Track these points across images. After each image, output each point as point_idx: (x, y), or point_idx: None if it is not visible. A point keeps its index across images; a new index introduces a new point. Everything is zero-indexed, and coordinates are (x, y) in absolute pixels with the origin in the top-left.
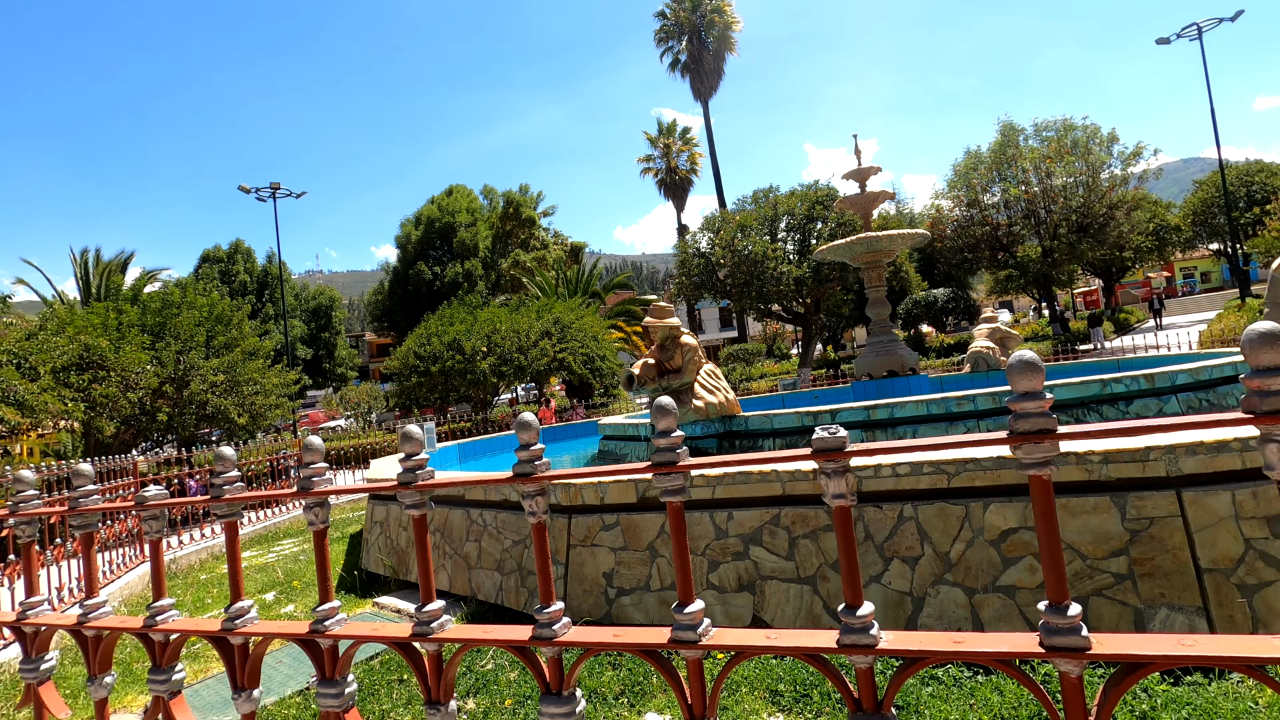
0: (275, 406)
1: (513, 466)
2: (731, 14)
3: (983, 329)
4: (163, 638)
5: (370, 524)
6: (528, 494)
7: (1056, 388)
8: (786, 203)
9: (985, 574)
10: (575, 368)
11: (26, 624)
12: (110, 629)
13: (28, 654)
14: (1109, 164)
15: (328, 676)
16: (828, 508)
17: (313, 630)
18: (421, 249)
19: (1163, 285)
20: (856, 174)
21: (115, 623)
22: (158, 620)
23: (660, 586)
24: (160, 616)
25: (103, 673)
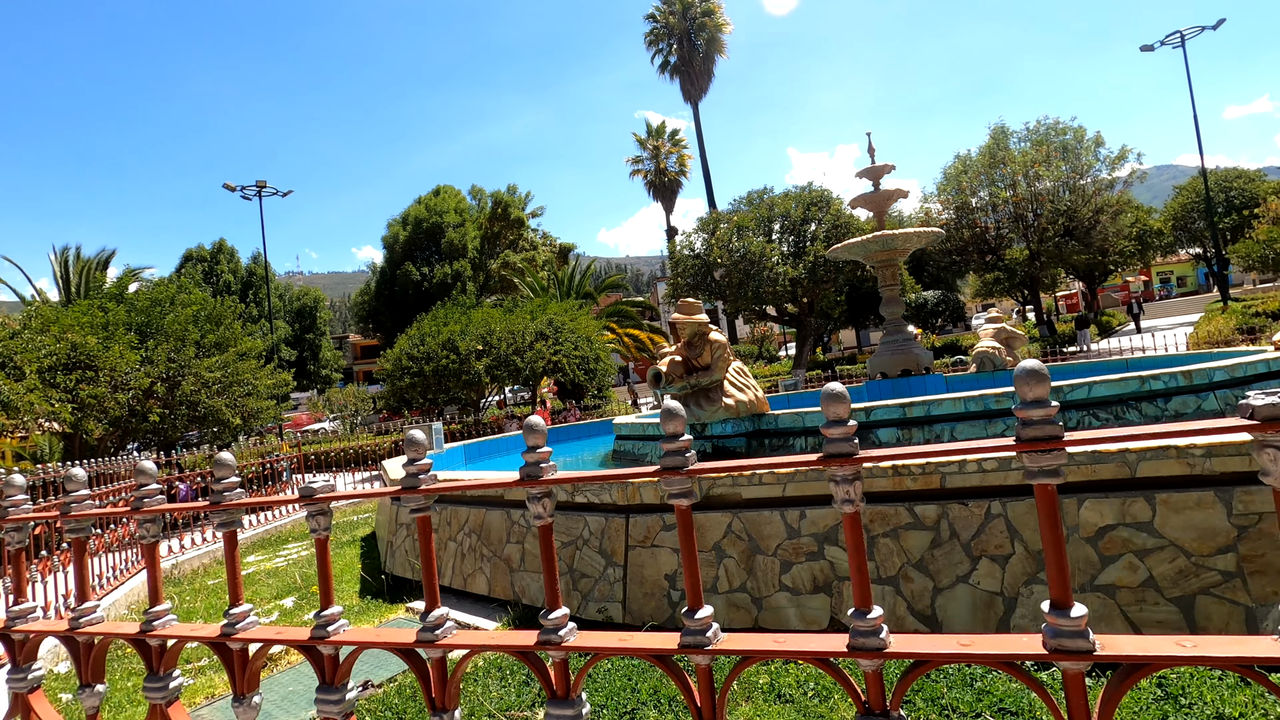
0: (267, 408)
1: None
2: (721, 16)
3: (988, 329)
4: (159, 643)
5: (395, 526)
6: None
7: (1096, 384)
8: (782, 204)
9: (1082, 573)
10: (570, 370)
11: (15, 631)
12: (103, 634)
13: (15, 662)
14: (1095, 168)
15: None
16: (910, 504)
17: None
18: (409, 249)
19: (1141, 289)
20: (870, 171)
21: (108, 628)
22: (154, 625)
23: (729, 589)
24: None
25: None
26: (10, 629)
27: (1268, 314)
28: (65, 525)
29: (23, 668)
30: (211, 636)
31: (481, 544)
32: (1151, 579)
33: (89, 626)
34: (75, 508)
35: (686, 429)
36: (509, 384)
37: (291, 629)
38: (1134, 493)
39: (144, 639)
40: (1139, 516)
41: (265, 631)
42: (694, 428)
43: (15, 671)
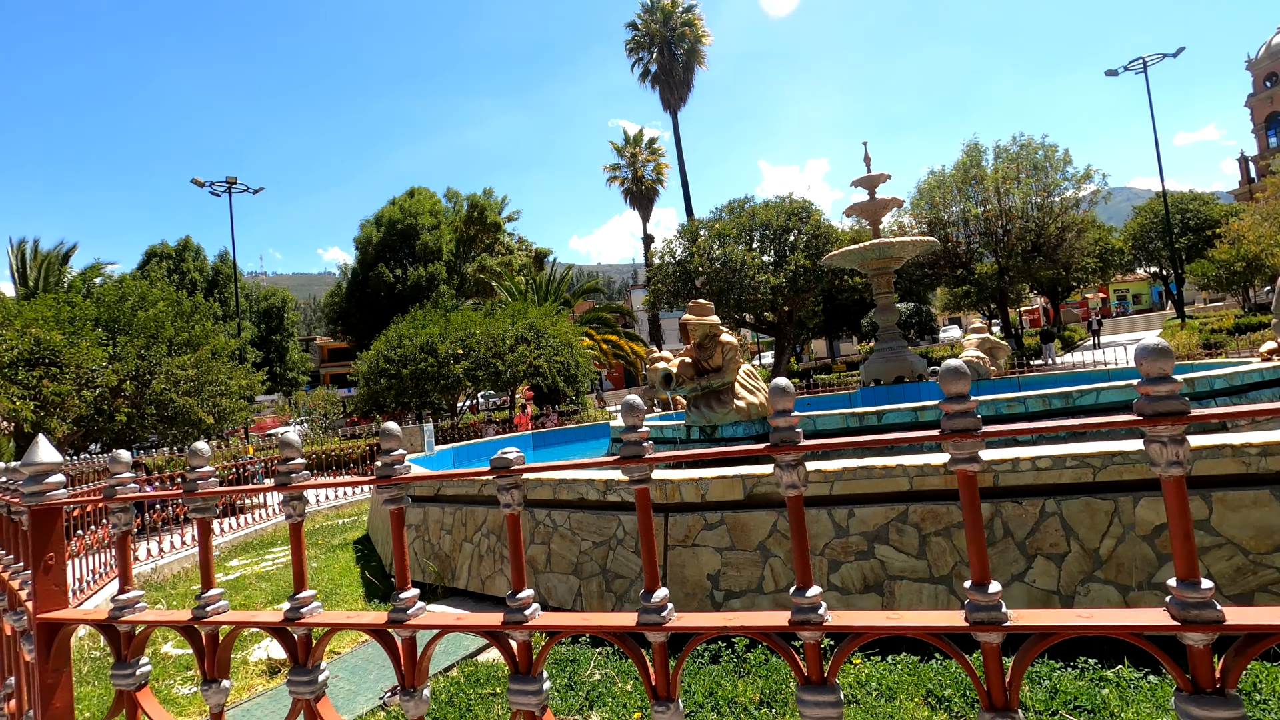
0: (239, 409)
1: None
2: (702, 28)
3: (972, 339)
4: (129, 629)
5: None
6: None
7: (1105, 391)
8: (763, 213)
9: (1139, 571)
10: (550, 374)
11: (122, 622)
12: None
13: (122, 656)
14: (1062, 186)
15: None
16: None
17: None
18: (382, 251)
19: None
20: (865, 181)
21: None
22: (124, 614)
23: (774, 589)
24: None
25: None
26: (117, 619)
27: (1225, 330)
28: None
29: (130, 662)
30: (181, 621)
31: (502, 545)
32: (1209, 577)
33: (215, 616)
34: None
35: (695, 430)
36: (487, 388)
37: (263, 613)
38: (1190, 491)
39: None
40: (1196, 514)
41: (236, 615)
42: (703, 429)
43: (121, 666)
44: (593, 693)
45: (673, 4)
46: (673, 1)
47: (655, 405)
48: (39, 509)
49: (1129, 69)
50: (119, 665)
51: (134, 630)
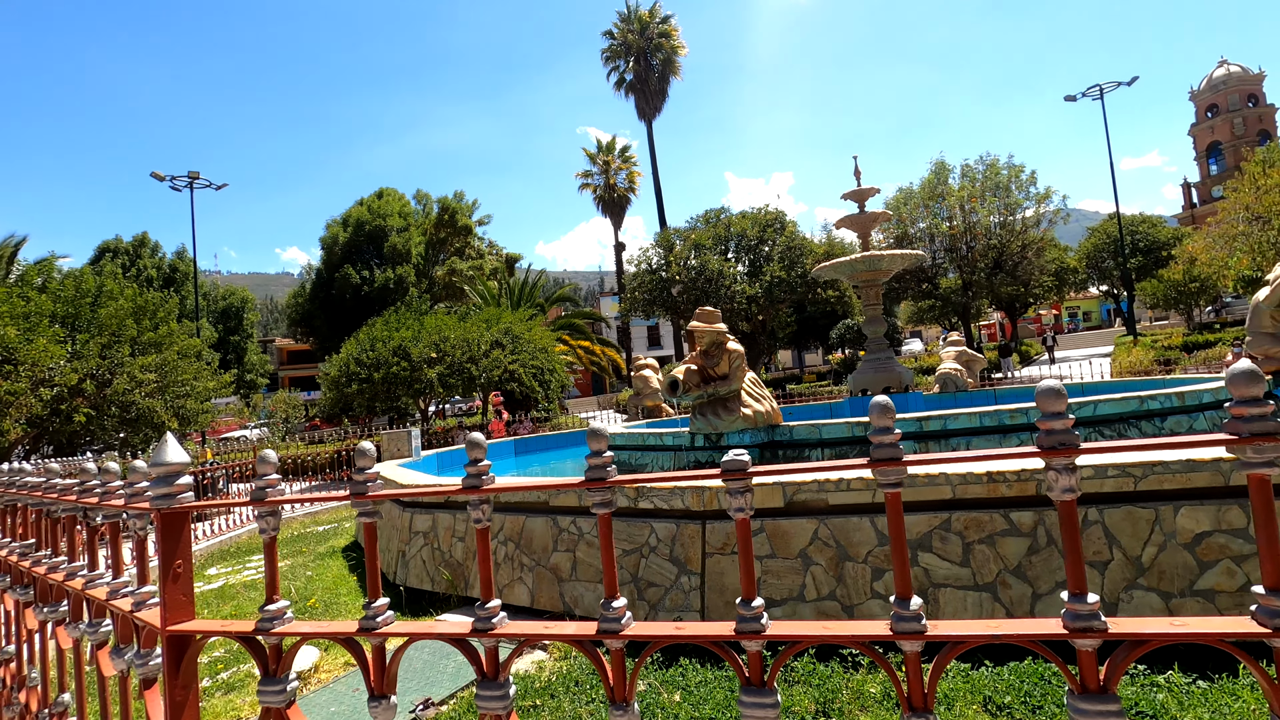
0: (204, 411)
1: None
2: (678, 39)
3: (950, 351)
4: (276, 641)
5: (409, 535)
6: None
7: (1101, 403)
8: (738, 224)
9: (1181, 578)
10: (526, 380)
11: (271, 635)
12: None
13: (269, 672)
14: (1024, 205)
15: (271, 674)
16: (1005, 511)
17: (258, 629)
18: (349, 252)
19: (1052, 321)
20: (855, 194)
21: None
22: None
23: (816, 596)
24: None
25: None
26: (266, 631)
27: (1175, 347)
28: None
29: (279, 678)
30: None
31: (521, 553)
32: (1249, 584)
33: (384, 627)
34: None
35: (699, 438)
36: (461, 393)
37: (234, 622)
38: (1228, 500)
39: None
40: (1234, 523)
41: (205, 624)
42: (709, 437)
43: (270, 682)
44: (644, 710)
45: (650, 14)
46: (650, 12)
47: (640, 413)
48: (169, 513)
49: (1087, 95)
50: (268, 680)
51: (281, 643)
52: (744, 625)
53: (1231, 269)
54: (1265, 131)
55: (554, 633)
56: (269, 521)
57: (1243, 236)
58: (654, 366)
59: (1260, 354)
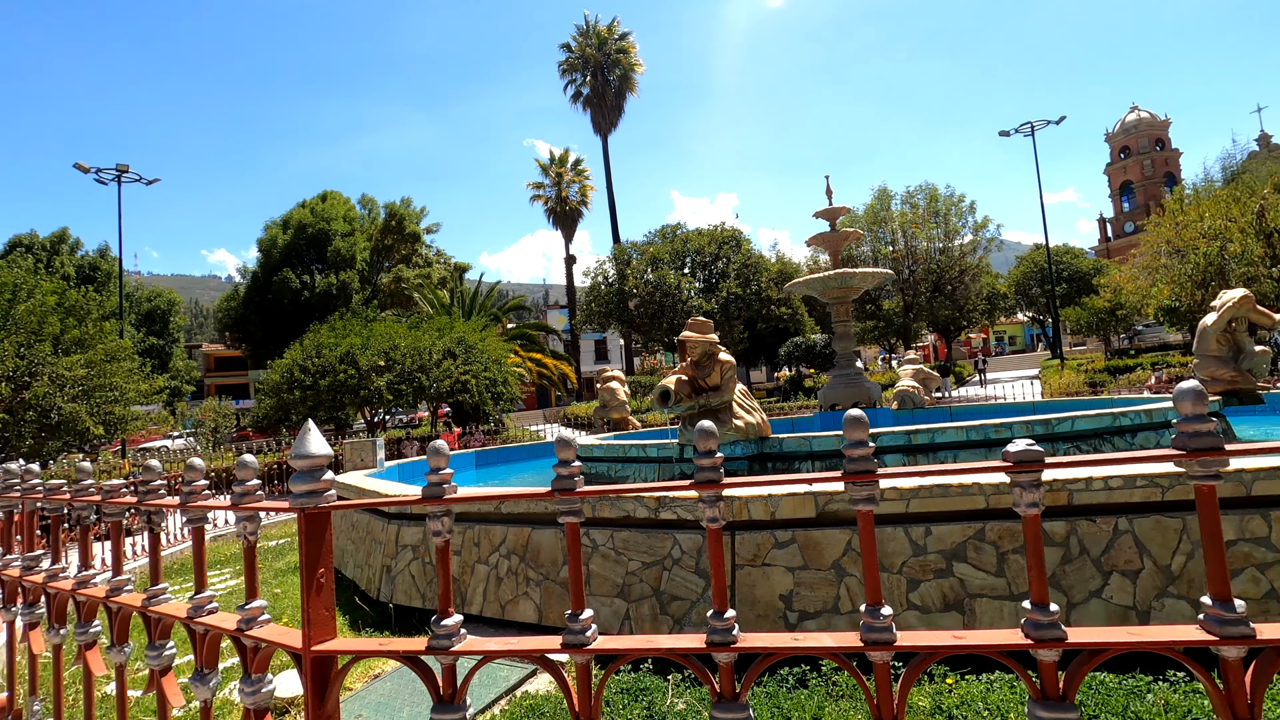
0: (134, 418)
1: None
2: (635, 56)
3: (907, 369)
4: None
5: (397, 549)
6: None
7: (1079, 419)
8: (695, 240)
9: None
10: (478, 391)
11: (449, 654)
12: None
13: (446, 698)
14: (962, 232)
15: (446, 700)
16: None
17: (431, 647)
18: (289, 255)
19: (981, 344)
20: (827, 213)
21: None
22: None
23: (852, 608)
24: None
25: None
26: (442, 650)
27: (1101, 370)
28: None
29: (458, 705)
30: (540, 649)
31: (527, 566)
32: (1273, 590)
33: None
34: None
35: (689, 450)
36: (411, 402)
37: (398, 641)
38: (1251, 510)
39: None
40: (1257, 532)
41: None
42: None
43: (447, 709)
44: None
45: (609, 30)
46: (609, 27)
47: (606, 425)
48: (315, 512)
49: (1019, 131)
50: (443, 708)
51: (455, 663)
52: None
53: (1153, 298)
54: (1170, 173)
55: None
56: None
57: (1163, 269)
58: (621, 379)
59: (1207, 375)
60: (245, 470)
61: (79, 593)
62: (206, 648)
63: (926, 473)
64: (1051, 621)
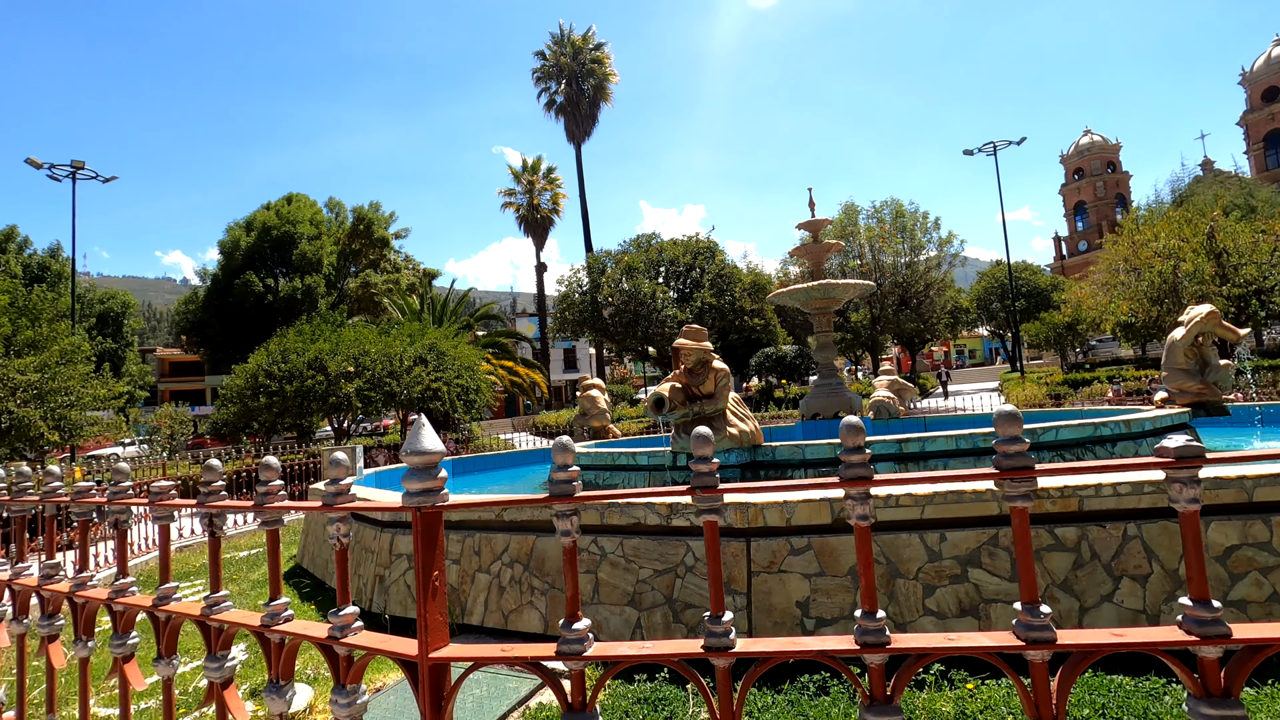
0: (90, 423)
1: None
2: (610, 66)
3: (882, 380)
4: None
5: (390, 558)
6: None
7: (1063, 429)
8: (670, 250)
9: (1215, 590)
10: (449, 399)
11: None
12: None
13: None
14: (928, 247)
15: (576, 707)
16: (1050, 527)
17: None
18: (252, 257)
19: (943, 357)
20: (809, 225)
21: None
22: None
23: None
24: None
25: None
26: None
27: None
28: None
29: (589, 713)
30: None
31: (531, 575)
32: (1276, 594)
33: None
34: None
35: (682, 457)
36: (379, 409)
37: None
38: (1253, 516)
39: None
40: (1259, 537)
41: (478, 649)
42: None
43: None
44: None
45: (584, 39)
46: (584, 37)
47: (586, 434)
48: (431, 511)
49: (982, 150)
50: (573, 716)
51: (583, 672)
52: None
53: (1112, 314)
54: (1121, 194)
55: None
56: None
57: (1121, 285)
58: (601, 387)
59: (1176, 388)
60: (338, 469)
61: (116, 601)
62: (284, 657)
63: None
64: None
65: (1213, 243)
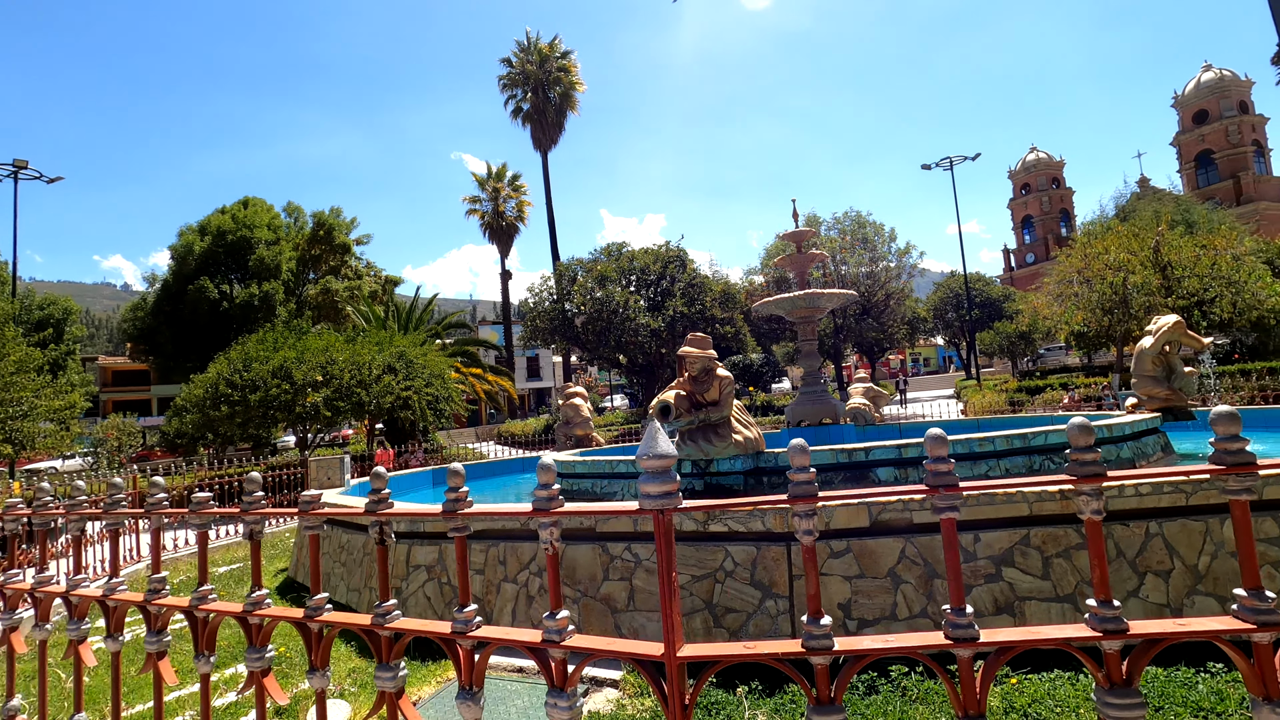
0: (43, 435)
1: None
2: (577, 75)
3: (858, 387)
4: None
5: (408, 569)
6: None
7: (1052, 433)
8: (641, 259)
9: (1233, 583)
10: (420, 408)
11: (830, 653)
12: None
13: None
14: (888, 258)
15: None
16: (1078, 526)
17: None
18: (206, 263)
19: (899, 365)
20: (794, 236)
21: None
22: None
23: (909, 614)
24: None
25: None
26: (824, 649)
27: (1016, 390)
28: None
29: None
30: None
31: (563, 583)
32: None
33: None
34: None
35: (687, 464)
36: (349, 418)
37: (771, 644)
38: (1263, 513)
39: None
40: (1270, 533)
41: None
42: (697, 464)
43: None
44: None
45: (550, 47)
46: (550, 45)
47: (569, 442)
48: (672, 513)
49: (939, 165)
50: (821, 709)
51: (828, 667)
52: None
53: (1066, 324)
54: (1065, 209)
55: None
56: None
57: (1075, 296)
58: (584, 395)
59: (1144, 394)
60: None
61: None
62: (477, 665)
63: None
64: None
65: (1158, 256)
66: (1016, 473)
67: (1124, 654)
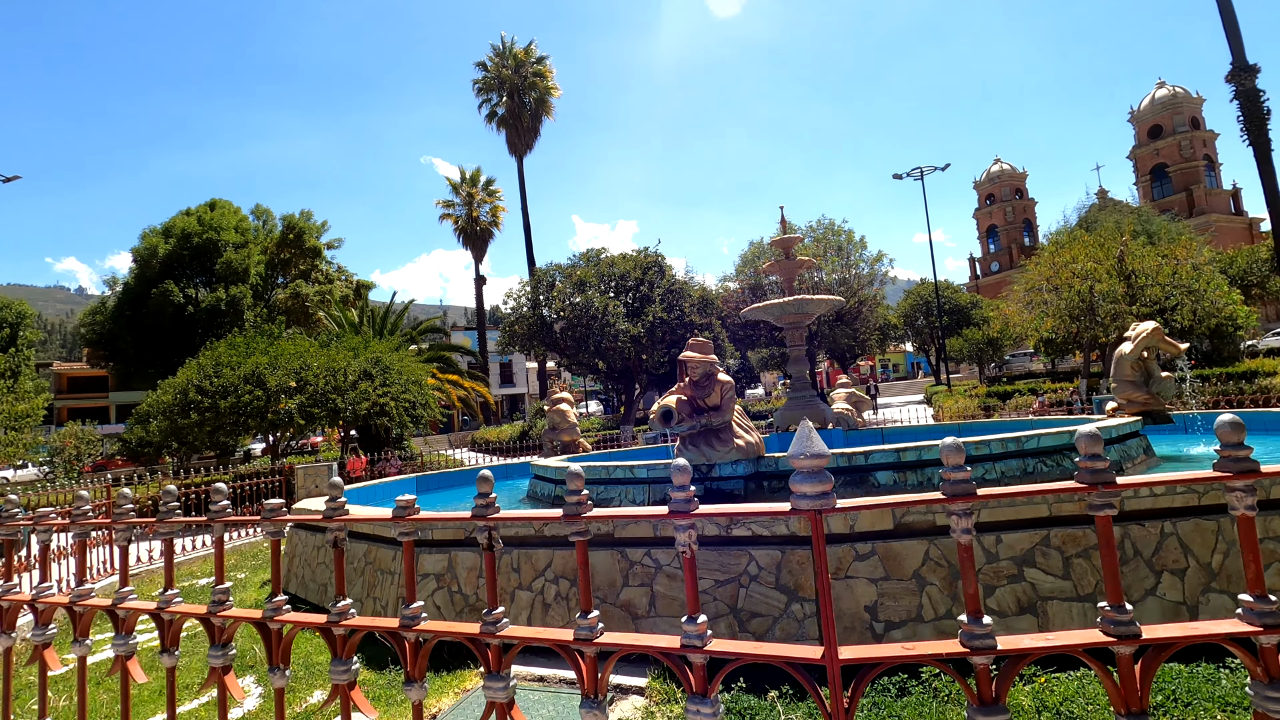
0: (8, 443)
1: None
2: (552, 80)
3: (840, 393)
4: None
5: (418, 579)
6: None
7: (1044, 437)
8: (621, 264)
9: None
10: (397, 414)
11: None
12: None
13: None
14: (861, 266)
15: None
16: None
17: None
18: (171, 266)
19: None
20: (783, 242)
21: None
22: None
23: (934, 616)
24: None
25: None
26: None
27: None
28: None
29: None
30: None
31: (577, 590)
32: None
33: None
34: None
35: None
36: (324, 425)
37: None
38: (1273, 512)
39: None
40: (1278, 531)
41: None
42: (699, 468)
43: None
44: None
45: (526, 52)
46: (526, 50)
47: (556, 448)
48: (827, 513)
49: (910, 175)
50: (984, 709)
51: (988, 668)
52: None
53: (1037, 330)
54: (1028, 219)
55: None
56: None
57: (1044, 304)
58: (570, 400)
59: (1124, 399)
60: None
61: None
62: (600, 672)
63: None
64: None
65: (1123, 265)
66: (1012, 474)
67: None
